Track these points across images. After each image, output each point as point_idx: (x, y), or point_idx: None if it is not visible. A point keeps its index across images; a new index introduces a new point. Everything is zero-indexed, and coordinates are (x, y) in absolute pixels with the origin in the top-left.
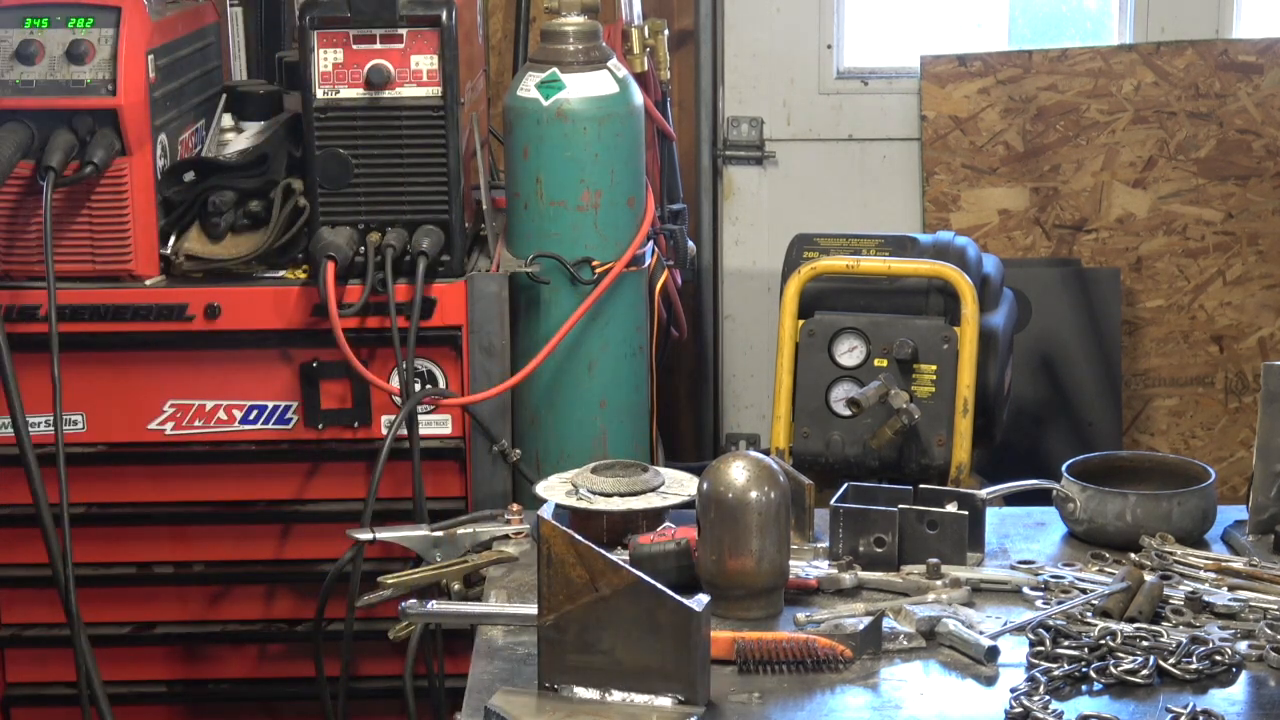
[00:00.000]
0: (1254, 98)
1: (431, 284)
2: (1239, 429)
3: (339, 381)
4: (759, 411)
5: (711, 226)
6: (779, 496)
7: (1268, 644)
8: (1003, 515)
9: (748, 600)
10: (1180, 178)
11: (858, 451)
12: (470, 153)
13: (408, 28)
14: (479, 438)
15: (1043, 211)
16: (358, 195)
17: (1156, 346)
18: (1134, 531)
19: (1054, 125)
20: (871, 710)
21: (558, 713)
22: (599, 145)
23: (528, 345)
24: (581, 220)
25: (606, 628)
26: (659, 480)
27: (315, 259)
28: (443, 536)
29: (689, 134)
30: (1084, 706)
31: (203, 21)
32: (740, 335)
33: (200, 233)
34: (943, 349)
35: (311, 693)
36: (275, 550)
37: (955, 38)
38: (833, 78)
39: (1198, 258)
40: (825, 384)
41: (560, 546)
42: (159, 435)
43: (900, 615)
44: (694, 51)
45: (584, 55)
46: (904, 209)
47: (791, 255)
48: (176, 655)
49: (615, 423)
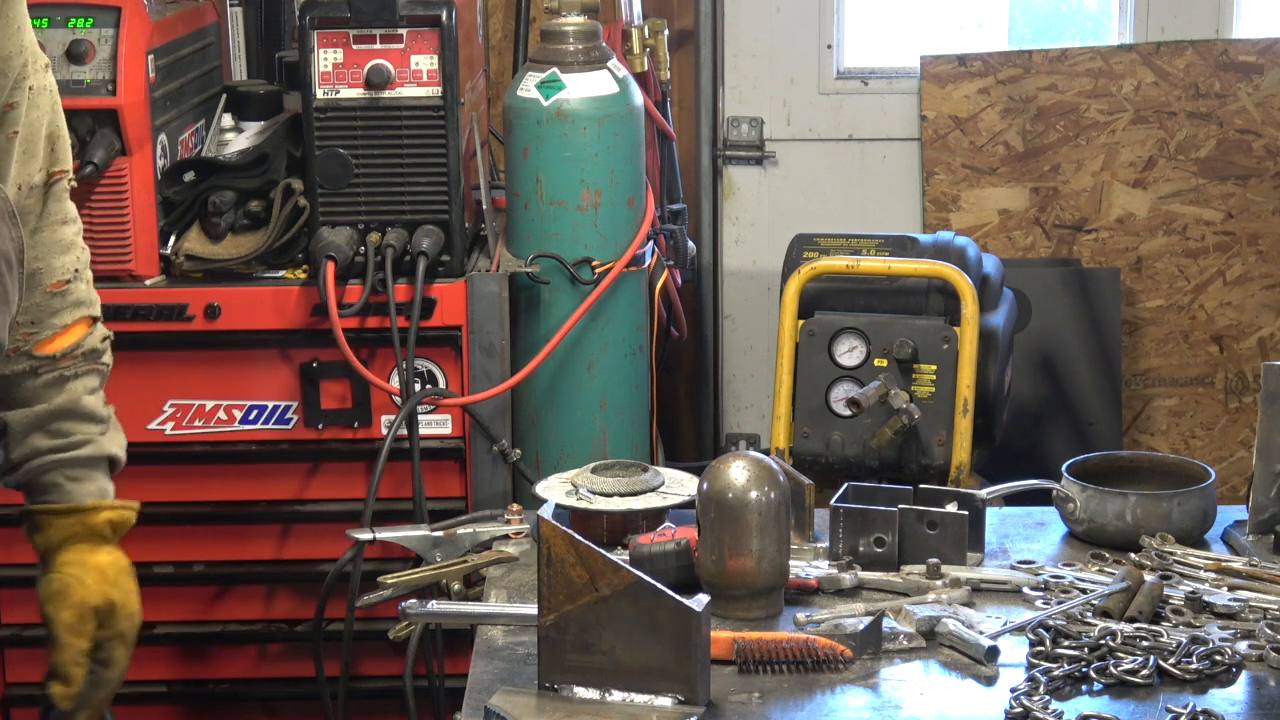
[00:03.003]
0: (1254, 98)
1: (431, 284)
2: (1239, 429)
3: (339, 381)
4: (759, 411)
5: (711, 226)
6: (779, 496)
7: (1268, 644)
8: (1003, 515)
9: (748, 600)
10: (1180, 178)
11: (858, 451)
12: (470, 153)
13: (408, 28)
14: (479, 438)
15: (1043, 211)
16: (358, 195)
17: (1156, 346)
18: (1134, 531)
19: (1054, 125)
20: (871, 710)
21: (558, 713)
22: (599, 145)
23: (528, 345)
24: (581, 220)
25: (606, 628)
26: (659, 480)
27: (315, 259)
28: (443, 536)
29: (689, 134)
30: (1084, 706)
31: (203, 21)
32: (740, 335)
33: (200, 233)
34: (943, 349)
35: (311, 693)
36: (275, 550)
37: (955, 38)
38: (833, 78)
39: (1198, 258)
40: (825, 384)
41: (560, 546)
42: (159, 435)
43: (900, 615)
44: (694, 51)
45: (584, 55)
46: (904, 209)
47: (791, 255)
48: (176, 655)
49: (615, 423)
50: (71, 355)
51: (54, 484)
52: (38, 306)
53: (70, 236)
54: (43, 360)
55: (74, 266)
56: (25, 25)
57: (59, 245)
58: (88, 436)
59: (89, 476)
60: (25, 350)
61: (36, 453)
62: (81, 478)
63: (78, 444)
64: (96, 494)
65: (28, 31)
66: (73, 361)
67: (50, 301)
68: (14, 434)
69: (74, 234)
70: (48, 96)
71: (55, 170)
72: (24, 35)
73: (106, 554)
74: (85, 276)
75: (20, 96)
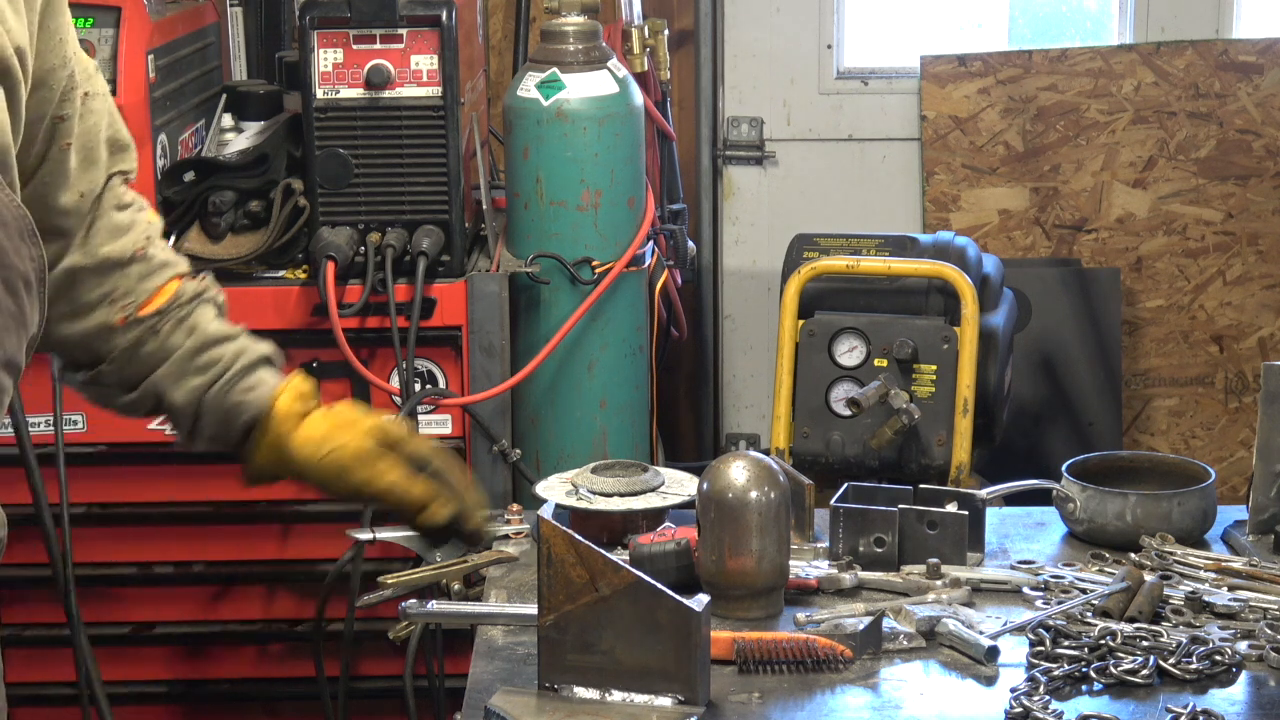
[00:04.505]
0: (1254, 98)
1: (431, 284)
2: (1239, 429)
3: (339, 381)
4: (759, 411)
5: (711, 226)
6: (779, 496)
7: (1268, 644)
8: (1003, 515)
9: (748, 600)
10: (1180, 178)
11: (858, 451)
12: (470, 153)
13: (408, 28)
14: (479, 438)
15: (1043, 211)
16: (358, 195)
17: (1156, 346)
18: (1134, 531)
19: (1054, 125)
20: (871, 710)
21: (558, 713)
22: (599, 145)
23: (528, 345)
24: (581, 220)
25: (606, 628)
26: (659, 480)
27: (315, 259)
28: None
29: (689, 134)
30: (1084, 706)
31: (203, 21)
32: (740, 335)
33: (200, 233)
34: (943, 349)
35: (311, 693)
36: (275, 550)
37: (955, 38)
38: (833, 78)
39: (1198, 258)
40: (825, 384)
41: (560, 546)
42: (159, 435)
43: (900, 615)
44: (694, 51)
45: (584, 55)
46: (904, 209)
47: (791, 255)
48: (176, 655)
49: (615, 423)
50: (176, 304)
51: (235, 406)
52: (125, 279)
53: (127, 219)
54: (151, 318)
55: (138, 243)
56: (68, 36)
57: (116, 231)
58: (234, 350)
59: (259, 380)
60: (132, 318)
61: (199, 391)
62: (254, 385)
63: (229, 362)
64: (274, 387)
65: (70, 42)
66: (180, 306)
67: (131, 272)
68: (167, 390)
69: (131, 215)
70: (101, 100)
71: (114, 171)
72: (66, 47)
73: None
74: (159, 243)
75: (69, 108)
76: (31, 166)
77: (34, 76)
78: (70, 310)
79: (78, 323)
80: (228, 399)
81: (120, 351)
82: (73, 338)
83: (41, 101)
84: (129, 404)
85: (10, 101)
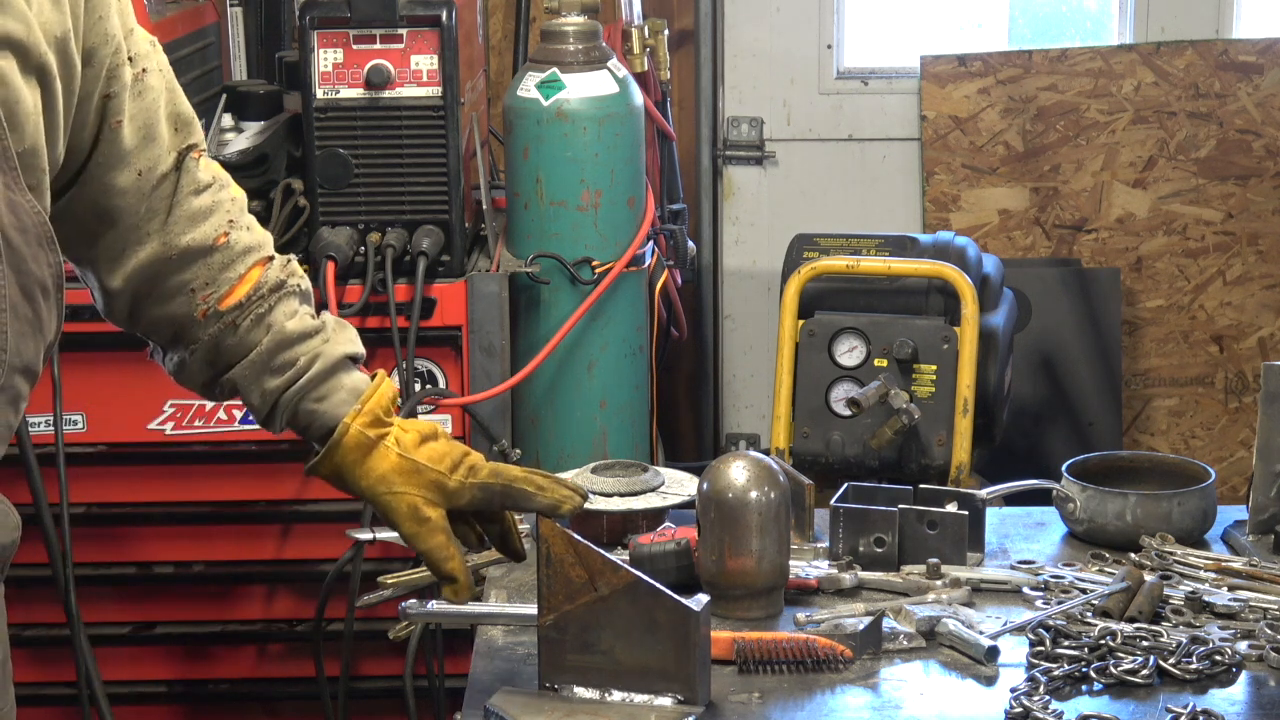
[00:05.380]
0: (1254, 98)
1: (431, 284)
2: (1239, 429)
3: None
4: (759, 411)
5: (711, 226)
6: (779, 496)
7: (1268, 644)
8: (1003, 515)
9: (748, 600)
10: (1180, 178)
11: (858, 451)
12: (470, 153)
13: (408, 28)
14: (479, 438)
15: (1043, 211)
16: (358, 195)
17: (1156, 346)
18: (1134, 531)
19: (1054, 125)
20: (871, 710)
21: (557, 713)
22: (599, 145)
23: (528, 345)
24: (581, 220)
25: (606, 627)
26: (659, 480)
27: (315, 259)
28: None
29: (689, 134)
30: (1084, 706)
31: (202, 21)
32: (740, 335)
33: None
34: (943, 349)
35: (311, 693)
36: (275, 550)
37: (955, 38)
38: (833, 78)
39: (1198, 258)
40: (825, 384)
41: (560, 546)
42: (159, 435)
43: (900, 615)
44: (694, 51)
45: (584, 55)
46: (904, 209)
47: (791, 255)
48: (176, 655)
49: (615, 423)
50: (257, 296)
51: (307, 414)
52: (206, 269)
53: (205, 203)
54: (231, 312)
55: (220, 228)
56: (108, 13)
57: (197, 216)
58: (311, 352)
59: (333, 388)
60: (213, 311)
61: (274, 394)
62: (326, 394)
63: (304, 367)
64: (348, 399)
65: (113, 18)
66: (261, 300)
67: (213, 260)
68: (243, 388)
69: (210, 197)
70: (158, 77)
71: (183, 147)
72: (108, 23)
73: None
74: (243, 224)
75: (117, 86)
76: (85, 148)
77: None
78: (154, 296)
79: (162, 307)
80: (301, 406)
81: (202, 345)
82: (159, 321)
83: (88, 80)
84: (209, 393)
85: (47, 99)
